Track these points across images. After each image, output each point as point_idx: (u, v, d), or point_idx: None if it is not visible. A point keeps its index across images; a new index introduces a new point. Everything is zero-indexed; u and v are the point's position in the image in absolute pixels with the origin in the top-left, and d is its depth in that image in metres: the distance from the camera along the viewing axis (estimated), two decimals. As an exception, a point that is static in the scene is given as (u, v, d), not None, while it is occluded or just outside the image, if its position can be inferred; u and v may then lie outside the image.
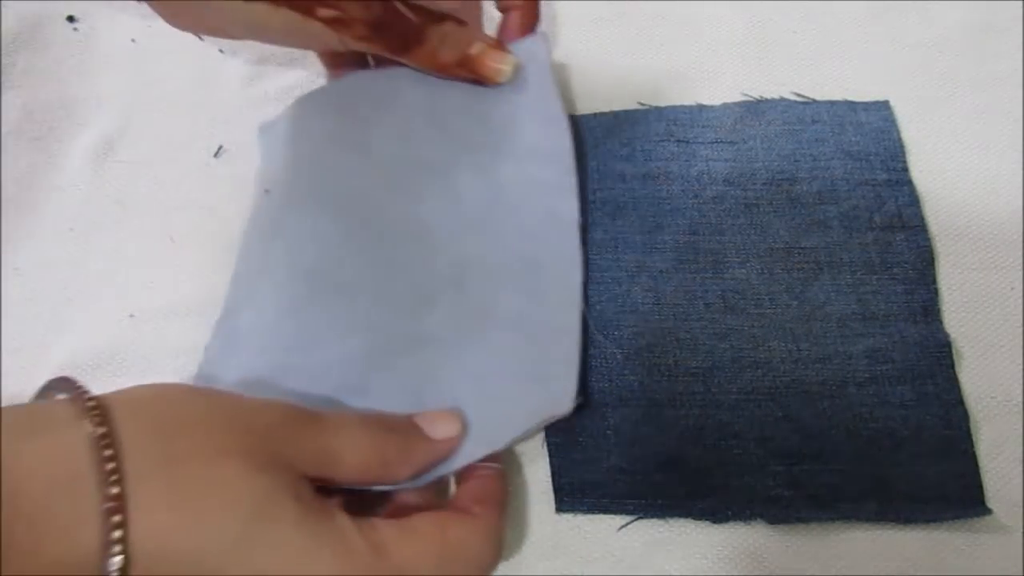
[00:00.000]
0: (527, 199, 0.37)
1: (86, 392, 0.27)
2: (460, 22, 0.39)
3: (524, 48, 0.40)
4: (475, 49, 0.38)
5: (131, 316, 0.40)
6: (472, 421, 0.32)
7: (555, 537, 0.34)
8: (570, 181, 0.37)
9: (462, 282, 0.36)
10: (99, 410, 0.26)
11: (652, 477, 0.34)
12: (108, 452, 0.25)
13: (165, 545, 0.25)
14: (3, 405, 0.37)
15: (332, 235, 0.37)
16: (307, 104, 0.42)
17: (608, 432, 0.35)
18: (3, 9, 0.49)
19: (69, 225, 0.43)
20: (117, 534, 0.24)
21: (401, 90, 0.41)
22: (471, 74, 0.39)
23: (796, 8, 0.46)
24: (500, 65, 0.39)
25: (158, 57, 0.47)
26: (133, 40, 0.48)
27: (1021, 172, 0.40)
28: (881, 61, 0.44)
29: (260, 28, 0.38)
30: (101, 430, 0.25)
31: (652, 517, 0.34)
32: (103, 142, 0.45)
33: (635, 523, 0.34)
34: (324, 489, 0.29)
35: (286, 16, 0.36)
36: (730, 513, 0.33)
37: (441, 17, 0.38)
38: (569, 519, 0.34)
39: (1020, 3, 0.45)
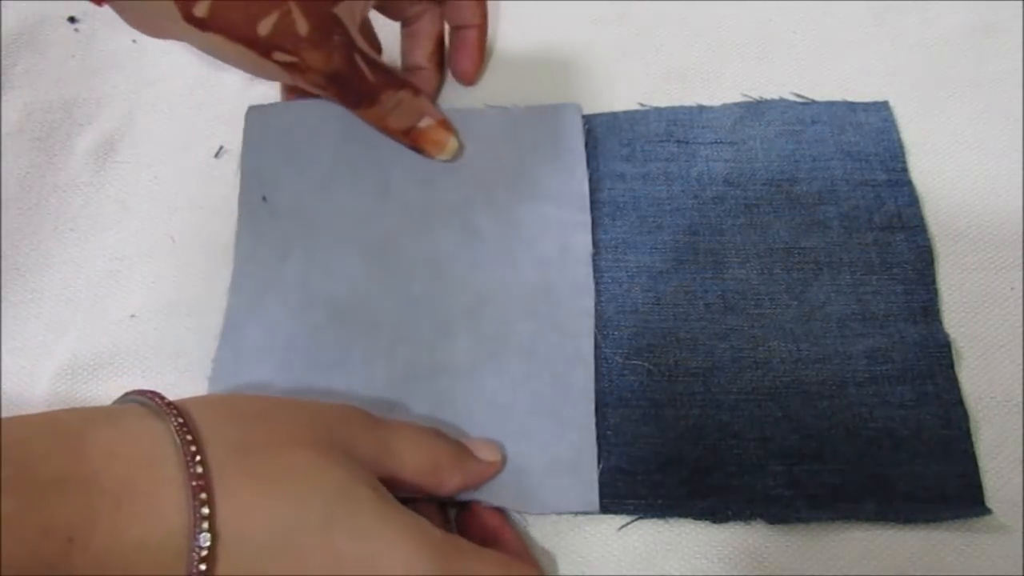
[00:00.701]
0: (542, 234, 0.39)
1: (160, 395, 0.28)
2: (416, 91, 0.39)
3: (559, 109, 0.42)
4: (424, 123, 0.39)
5: (131, 316, 0.40)
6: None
7: (555, 537, 0.34)
8: (585, 219, 0.39)
9: (479, 312, 0.37)
10: (175, 407, 0.27)
11: (652, 477, 0.34)
12: (188, 437, 0.26)
13: (249, 526, 0.25)
14: (2, 404, 0.38)
15: (353, 271, 0.38)
16: (313, 115, 0.42)
17: (608, 432, 0.35)
18: (3, 9, 0.49)
19: (69, 225, 0.43)
20: (205, 511, 0.24)
21: None
22: (413, 144, 0.40)
23: (796, 8, 0.46)
24: (443, 142, 0.40)
25: (158, 57, 0.47)
26: (134, 40, 0.48)
27: (1021, 172, 0.40)
28: (881, 61, 0.44)
29: (216, 55, 0.37)
30: (179, 420, 0.26)
31: (652, 517, 0.34)
32: (104, 142, 0.45)
33: (635, 523, 0.34)
34: None
35: (242, 51, 0.35)
36: (730, 513, 0.33)
37: (400, 84, 0.39)
38: (569, 519, 0.34)
39: (1020, 3, 0.45)
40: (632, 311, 0.37)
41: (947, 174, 0.40)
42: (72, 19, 0.49)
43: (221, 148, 0.44)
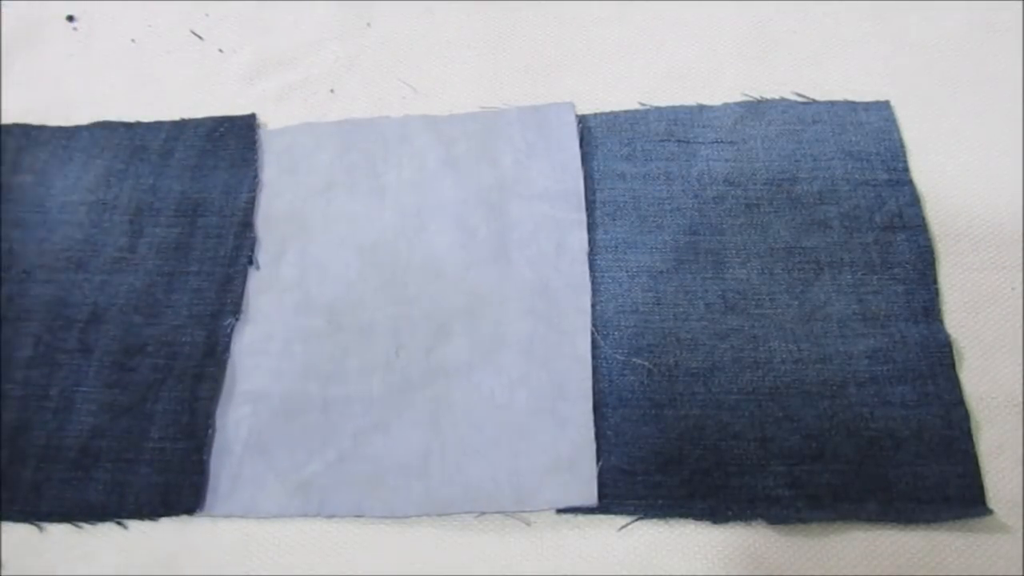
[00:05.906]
0: (537, 233, 0.39)
1: None
2: None
3: (552, 109, 0.42)
4: None
5: (131, 316, 0.40)
6: (495, 473, 0.34)
7: (555, 537, 0.34)
8: (580, 217, 0.39)
9: (476, 312, 0.38)
10: None
11: (652, 477, 0.34)
12: None
13: None
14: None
15: (351, 276, 0.39)
16: (311, 135, 0.43)
17: (608, 432, 0.35)
18: (3, 9, 0.49)
19: (69, 225, 0.42)
20: None
21: (412, 135, 0.42)
22: None
23: (796, 8, 0.46)
24: None
25: (158, 57, 0.47)
26: (133, 40, 0.48)
27: (1021, 172, 0.40)
28: (881, 61, 0.44)
29: None
30: None
31: (652, 517, 0.34)
32: (103, 142, 0.45)
33: (635, 523, 0.34)
34: None
35: None
36: (730, 513, 0.33)
37: None
38: (569, 519, 0.34)
39: (1020, 3, 0.45)
40: (632, 311, 0.37)
41: (947, 174, 0.40)
42: (70, 18, 0.49)
43: (220, 147, 0.44)
